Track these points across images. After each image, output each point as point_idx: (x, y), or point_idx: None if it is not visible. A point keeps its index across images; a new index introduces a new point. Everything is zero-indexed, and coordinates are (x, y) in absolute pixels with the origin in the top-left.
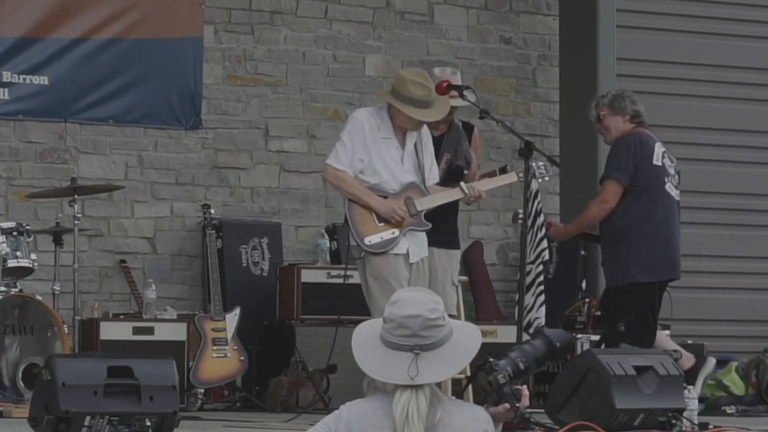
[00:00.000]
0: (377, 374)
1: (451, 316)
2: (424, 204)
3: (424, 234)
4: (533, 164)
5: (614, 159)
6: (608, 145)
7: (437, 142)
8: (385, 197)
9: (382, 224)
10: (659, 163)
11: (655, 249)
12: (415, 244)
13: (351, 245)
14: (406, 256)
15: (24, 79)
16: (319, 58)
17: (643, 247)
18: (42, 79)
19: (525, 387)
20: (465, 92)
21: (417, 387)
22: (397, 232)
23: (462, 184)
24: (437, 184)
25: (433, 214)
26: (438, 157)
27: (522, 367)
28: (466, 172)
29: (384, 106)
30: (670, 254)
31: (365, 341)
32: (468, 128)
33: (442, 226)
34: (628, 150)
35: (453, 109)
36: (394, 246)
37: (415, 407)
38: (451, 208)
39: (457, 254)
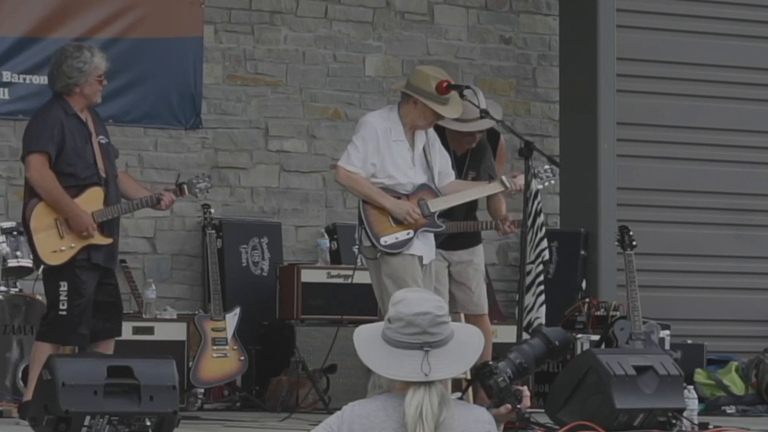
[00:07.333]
0: (390, 373)
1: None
2: (437, 205)
3: (433, 236)
4: (540, 168)
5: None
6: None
7: (461, 160)
8: (398, 198)
9: (397, 225)
10: None
11: None
12: (427, 246)
13: (364, 246)
14: (420, 257)
15: (24, 79)
16: (319, 58)
17: None
18: (42, 79)
19: (526, 388)
20: (464, 92)
21: (430, 385)
22: (412, 232)
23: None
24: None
25: (453, 213)
26: (463, 175)
27: (522, 367)
28: None
29: (393, 107)
30: None
31: (368, 343)
32: (494, 138)
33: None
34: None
35: (482, 129)
36: (409, 246)
37: (429, 405)
38: (472, 208)
39: (480, 248)
